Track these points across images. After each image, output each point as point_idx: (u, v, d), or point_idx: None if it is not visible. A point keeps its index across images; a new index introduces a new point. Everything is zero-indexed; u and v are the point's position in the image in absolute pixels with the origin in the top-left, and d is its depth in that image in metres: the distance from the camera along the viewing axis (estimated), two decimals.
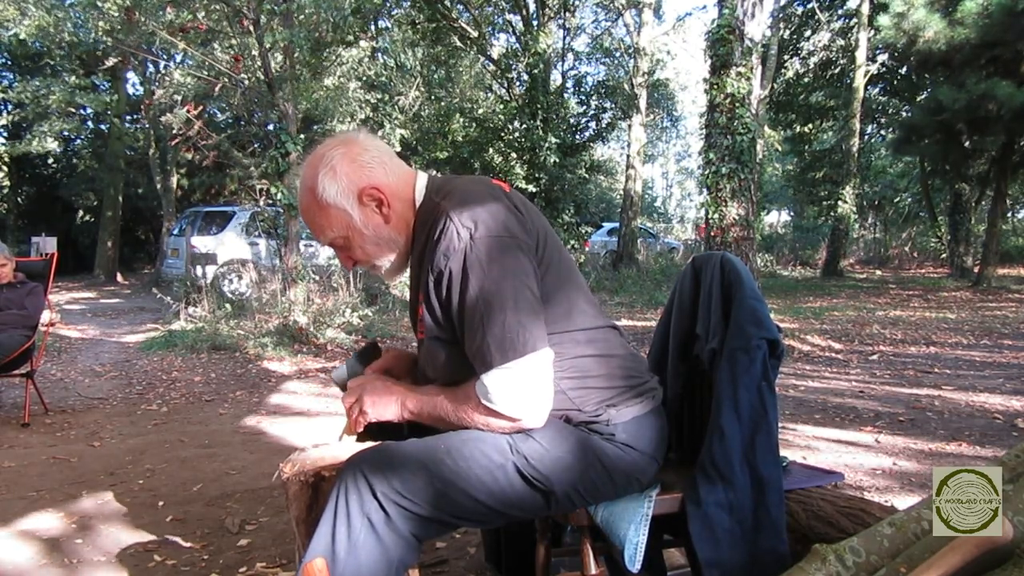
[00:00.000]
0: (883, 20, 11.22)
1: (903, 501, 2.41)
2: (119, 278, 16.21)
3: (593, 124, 15.71)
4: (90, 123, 16.93)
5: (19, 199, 19.76)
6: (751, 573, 1.32)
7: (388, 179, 1.30)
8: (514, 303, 1.17)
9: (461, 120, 14.58)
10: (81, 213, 20.30)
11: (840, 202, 16.22)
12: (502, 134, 14.26)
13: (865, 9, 15.38)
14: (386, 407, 1.30)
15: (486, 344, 1.17)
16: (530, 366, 1.18)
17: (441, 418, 1.26)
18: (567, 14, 15.75)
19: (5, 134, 17.78)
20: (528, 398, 1.19)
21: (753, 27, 7.39)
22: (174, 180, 15.33)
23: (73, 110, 13.53)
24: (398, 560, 1.15)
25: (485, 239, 1.19)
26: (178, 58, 12.07)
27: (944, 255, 17.04)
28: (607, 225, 20.98)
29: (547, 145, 12.65)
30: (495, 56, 14.28)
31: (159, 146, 14.70)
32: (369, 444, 1.31)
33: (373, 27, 12.96)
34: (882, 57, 16.54)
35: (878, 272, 18.32)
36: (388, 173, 1.31)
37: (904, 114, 17.33)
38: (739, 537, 1.33)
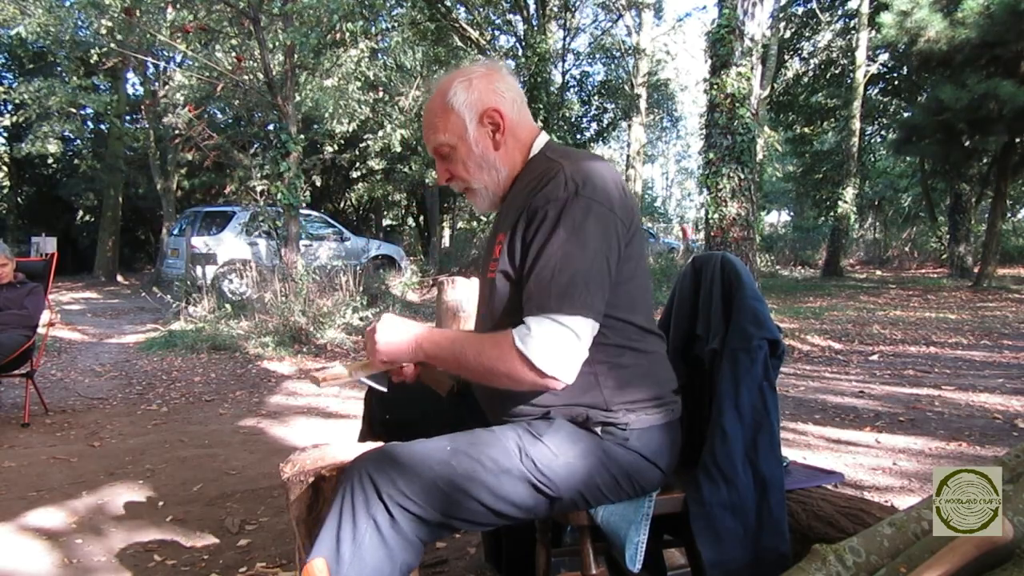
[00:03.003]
0: (885, 19, 11.21)
1: (903, 501, 2.41)
2: (119, 278, 16.20)
3: (594, 124, 15.72)
4: (90, 123, 16.92)
5: (19, 199, 19.76)
6: (753, 573, 1.32)
7: (512, 114, 1.35)
8: (589, 265, 1.19)
9: None
10: (81, 213, 20.30)
11: (840, 202, 16.22)
12: None
13: (865, 9, 15.37)
14: (398, 348, 1.29)
15: (549, 288, 1.18)
16: (577, 326, 1.18)
17: (459, 361, 1.25)
18: (568, 14, 15.75)
19: (5, 135, 17.77)
20: (562, 354, 1.18)
21: (753, 27, 7.39)
22: (174, 180, 15.33)
23: (74, 111, 13.51)
24: (402, 562, 1.14)
25: (588, 199, 1.21)
26: (178, 58, 12.06)
27: (944, 255, 17.02)
28: None
29: None
30: (496, 56, 14.27)
31: (159, 146, 14.68)
32: (372, 445, 1.31)
33: (373, 27, 12.96)
34: (883, 57, 16.54)
35: (878, 272, 18.32)
36: (515, 110, 1.36)
37: (904, 114, 17.32)
38: (742, 537, 1.33)
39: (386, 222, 22.49)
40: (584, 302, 1.18)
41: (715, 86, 7.39)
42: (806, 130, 19.70)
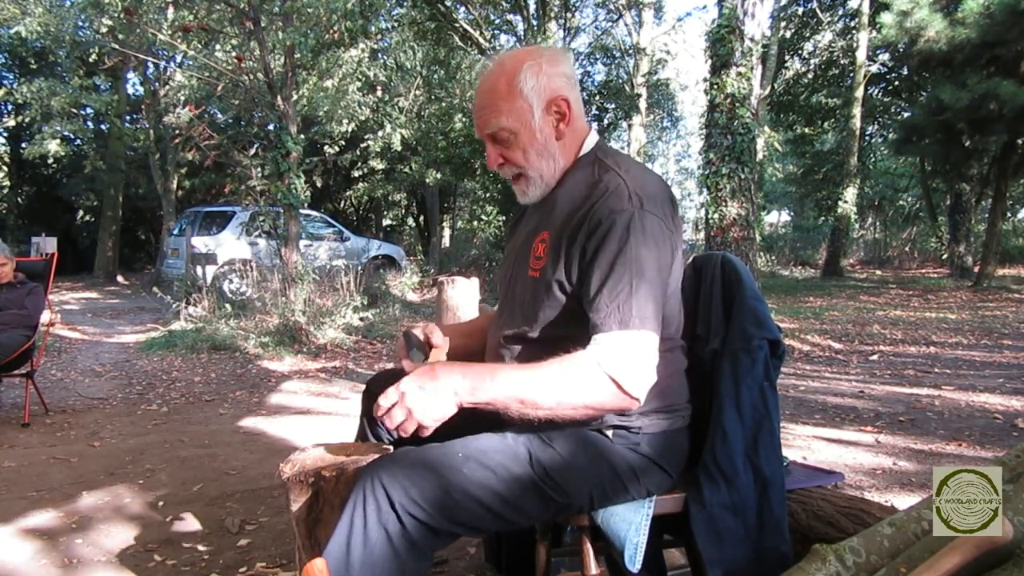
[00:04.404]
0: (885, 19, 11.21)
1: (903, 501, 2.41)
2: (119, 278, 16.20)
3: (595, 124, 15.69)
4: (90, 123, 16.91)
5: (19, 199, 19.76)
6: (754, 573, 1.32)
7: (576, 106, 1.34)
8: (654, 282, 1.20)
9: (464, 120, 14.58)
10: (81, 213, 20.29)
11: (840, 202, 16.22)
12: None
13: (865, 9, 15.37)
14: (443, 405, 1.15)
15: (630, 304, 1.17)
16: (652, 342, 1.18)
17: (521, 397, 1.15)
18: (568, 14, 15.75)
19: (6, 135, 17.75)
20: (644, 373, 1.17)
21: (753, 27, 7.39)
22: (174, 180, 15.32)
23: (75, 111, 13.50)
24: (412, 571, 1.14)
25: (651, 215, 1.21)
26: (179, 58, 12.04)
27: (944, 255, 17.02)
28: None
29: None
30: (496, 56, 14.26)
31: (159, 146, 14.67)
32: (377, 453, 1.30)
33: (373, 27, 12.94)
34: (883, 57, 16.54)
35: (878, 272, 18.32)
36: (577, 101, 1.34)
37: (904, 114, 17.32)
38: (743, 537, 1.33)
39: (386, 222, 22.49)
40: (654, 318, 1.18)
41: (715, 86, 7.39)
42: (806, 130, 19.70)
